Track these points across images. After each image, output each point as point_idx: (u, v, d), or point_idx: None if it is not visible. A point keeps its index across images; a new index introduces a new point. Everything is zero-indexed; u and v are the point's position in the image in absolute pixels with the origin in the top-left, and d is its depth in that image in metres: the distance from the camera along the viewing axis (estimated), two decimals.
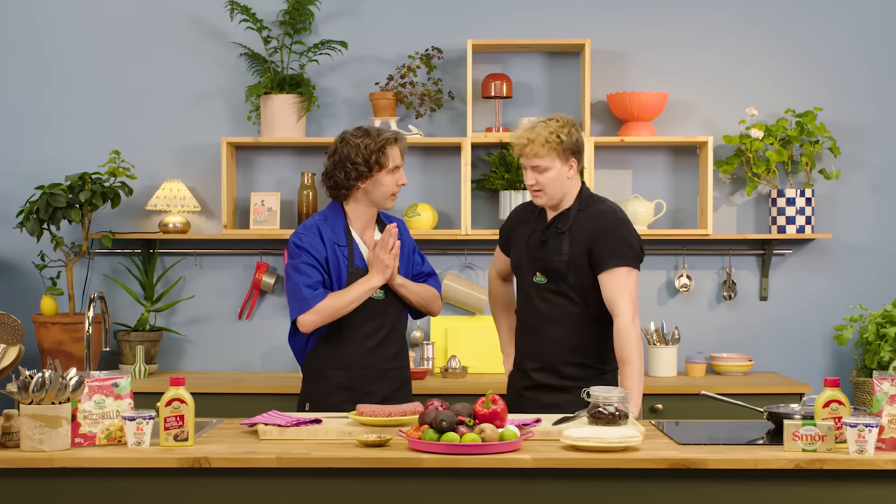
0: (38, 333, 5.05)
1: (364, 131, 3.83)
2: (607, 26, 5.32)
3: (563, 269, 3.73)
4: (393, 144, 3.81)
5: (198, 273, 5.37)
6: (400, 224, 3.98)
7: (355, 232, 3.88)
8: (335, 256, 3.83)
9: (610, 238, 3.70)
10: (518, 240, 3.88)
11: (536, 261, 3.78)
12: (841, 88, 5.32)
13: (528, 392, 3.81)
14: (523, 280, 3.84)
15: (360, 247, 3.86)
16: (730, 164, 5.19)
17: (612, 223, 3.73)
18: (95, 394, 3.23)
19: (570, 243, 3.72)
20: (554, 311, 3.76)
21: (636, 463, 3.06)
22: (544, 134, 3.69)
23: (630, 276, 3.69)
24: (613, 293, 3.66)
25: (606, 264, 3.68)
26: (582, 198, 3.78)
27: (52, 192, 4.98)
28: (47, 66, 5.35)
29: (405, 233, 3.99)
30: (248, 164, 5.35)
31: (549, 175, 3.70)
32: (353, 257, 3.84)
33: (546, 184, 3.72)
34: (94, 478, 3.09)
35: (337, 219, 3.87)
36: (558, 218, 3.78)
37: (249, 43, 5.30)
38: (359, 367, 3.85)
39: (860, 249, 5.33)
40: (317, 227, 3.85)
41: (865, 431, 3.05)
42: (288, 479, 3.09)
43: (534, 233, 3.82)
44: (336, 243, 3.83)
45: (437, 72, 5.30)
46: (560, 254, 3.73)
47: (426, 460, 3.06)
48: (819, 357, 5.35)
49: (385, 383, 3.87)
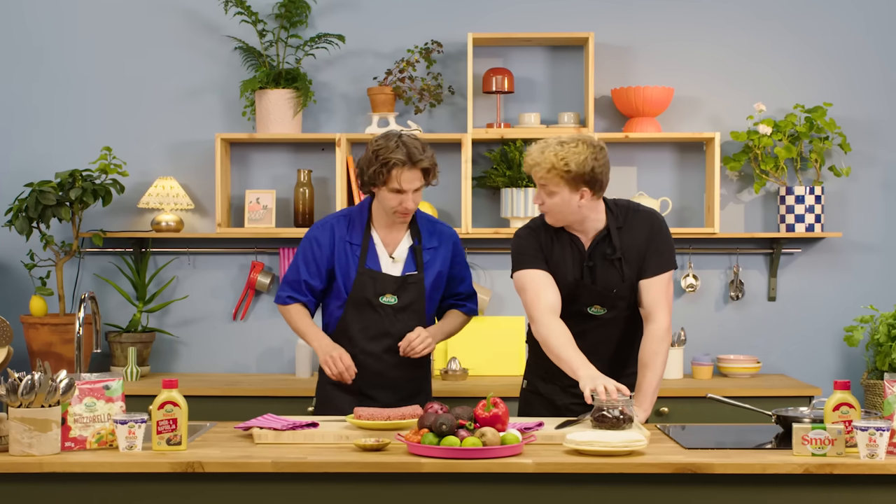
0: (28, 335, 5.05)
1: (385, 140, 3.76)
2: (611, 19, 5.31)
3: (628, 292, 3.69)
4: (401, 168, 3.72)
5: (191, 272, 5.37)
6: (441, 236, 3.94)
7: (377, 232, 3.88)
8: (344, 255, 3.85)
9: (658, 245, 3.69)
10: (559, 270, 3.68)
11: (593, 294, 3.69)
12: (851, 83, 5.32)
13: (576, 407, 3.73)
14: (571, 310, 3.70)
15: (377, 247, 3.86)
16: (737, 161, 5.19)
17: (659, 228, 3.71)
18: (86, 396, 3.23)
19: (628, 264, 3.68)
20: (608, 334, 3.74)
21: (641, 468, 3.06)
22: (552, 160, 3.55)
23: (670, 281, 3.72)
24: (654, 299, 3.66)
25: (652, 271, 3.68)
26: (614, 215, 3.70)
27: (41, 190, 4.98)
28: (37, 60, 5.34)
29: (440, 254, 3.91)
30: (243, 161, 5.35)
31: (555, 200, 3.60)
32: (366, 257, 3.85)
33: (552, 207, 3.62)
34: (84, 483, 3.09)
35: (361, 216, 3.89)
36: (599, 244, 3.68)
37: (244, 36, 5.30)
38: (362, 370, 3.86)
39: (871, 248, 5.33)
40: (331, 225, 3.89)
41: (877, 435, 3.05)
42: (284, 485, 3.08)
43: (577, 262, 3.68)
44: (349, 241, 3.85)
45: (437, 66, 5.30)
46: (623, 280, 3.67)
47: (425, 465, 3.06)
48: (829, 359, 5.35)
49: (392, 392, 3.87)
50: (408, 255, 3.89)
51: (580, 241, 3.70)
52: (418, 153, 3.74)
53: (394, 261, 3.88)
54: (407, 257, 3.89)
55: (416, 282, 3.87)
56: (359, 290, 3.85)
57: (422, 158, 3.74)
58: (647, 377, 3.62)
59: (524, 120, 5.19)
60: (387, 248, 3.88)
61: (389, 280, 3.85)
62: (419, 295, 3.87)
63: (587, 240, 3.70)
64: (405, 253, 3.89)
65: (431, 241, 3.92)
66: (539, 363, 3.78)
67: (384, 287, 3.85)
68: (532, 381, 3.89)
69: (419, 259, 3.88)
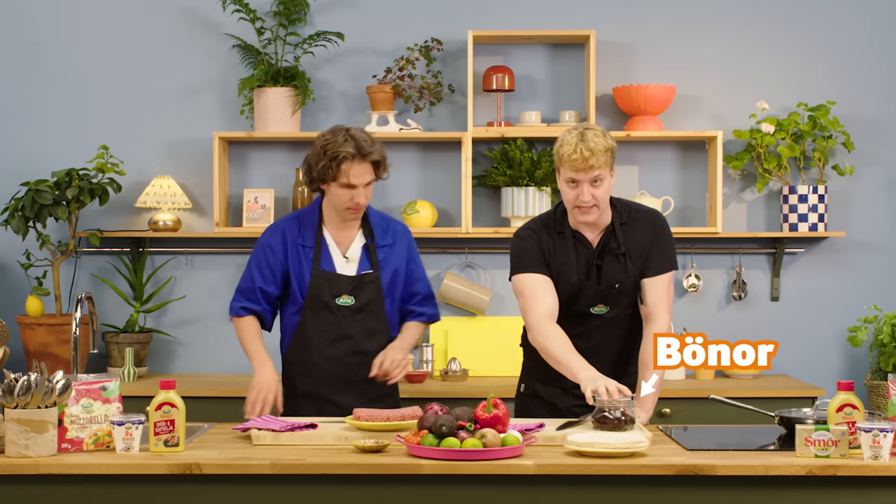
0: (24, 335, 5.05)
1: (332, 135, 3.72)
2: (613, 17, 5.31)
3: (631, 289, 3.70)
4: (350, 161, 3.67)
5: (189, 272, 5.37)
6: (395, 233, 3.90)
7: (329, 232, 3.84)
8: (297, 258, 3.81)
9: (661, 244, 3.71)
10: (562, 272, 3.69)
11: (597, 294, 3.69)
12: (855, 81, 5.32)
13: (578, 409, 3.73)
14: (573, 311, 3.71)
15: (330, 247, 3.83)
16: (740, 160, 5.19)
17: (662, 228, 3.74)
18: (83, 398, 3.23)
19: (632, 261, 3.69)
20: (612, 333, 3.75)
21: (643, 469, 3.06)
22: (604, 143, 3.56)
23: (671, 282, 3.74)
24: (655, 299, 3.68)
25: (654, 271, 3.70)
26: (619, 211, 3.72)
27: (37, 189, 4.98)
28: (33, 58, 5.34)
29: (395, 252, 3.88)
30: (241, 160, 5.35)
31: (605, 187, 3.60)
32: (320, 259, 3.81)
33: (601, 197, 3.60)
34: (81, 484, 3.09)
35: (311, 217, 3.85)
36: (608, 239, 3.69)
37: (242, 34, 5.30)
38: (324, 375, 3.83)
39: (875, 248, 5.33)
40: (282, 228, 3.85)
41: (880, 437, 3.05)
42: (282, 486, 3.08)
43: (584, 260, 3.69)
44: (301, 244, 3.82)
45: (437, 64, 5.30)
46: (627, 276, 3.68)
47: (425, 466, 3.06)
48: (832, 359, 5.35)
49: (356, 396, 3.80)
50: (362, 254, 3.84)
51: (586, 239, 3.71)
52: (367, 146, 3.69)
53: (347, 260, 3.83)
54: (361, 256, 3.84)
55: (372, 280, 3.82)
56: (314, 293, 3.79)
57: (371, 151, 3.69)
58: (650, 378, 3.63)
59: (525, 118, 5.19)
60: (340, 248, 3.83)
61: (344, 280, 3.80)
62: (376, 294, 3.83)
63: (595, 236, 3.71)
64: (359, 252, 3.84)
65: (385, 239, 3.87)
66: (537, 366, 3.77)
67: (339, 288, 3.80)
68: (530, 384, 3.89)
69: (373, 257, 3.83)
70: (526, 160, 5.09)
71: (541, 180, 5.09)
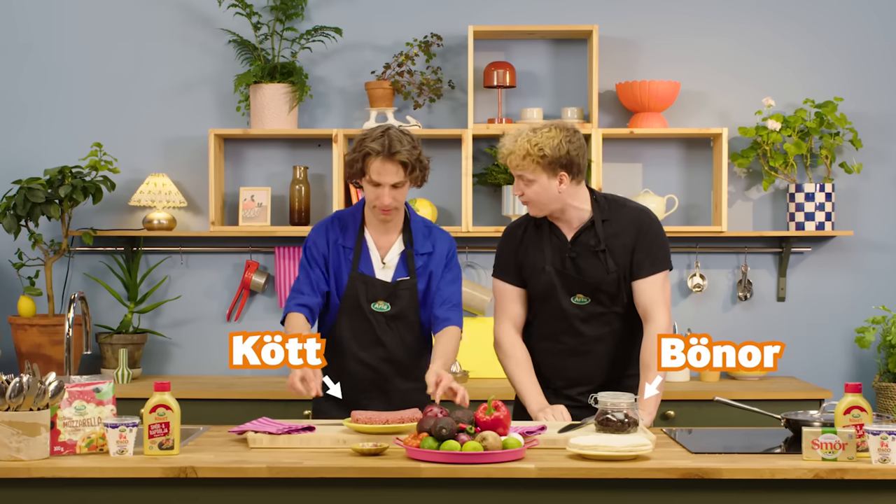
0: (16, 336, 5.05)
1: (371, 131, 3.70)
2: (616, 12, 5.31)
3: (613, 287, 3.71)
4: (374, 157, 3.64)
5: (184, 272, 5.37)
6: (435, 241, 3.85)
7: (370, 234, 3.83)
8: (337, 258, 3.80)
9: (649, 243, 3.71)
10: (536, 264, 3.75)
11: (575, 283, 3.71)
12: (863, 77, 5.32)
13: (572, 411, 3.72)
14: (554, 304, 3.74)
15: (370, 250, 3.81)
16: (745, 158, 5.20)
17: (649, 227, 3.73)
18: (76, 400, 3.23)
19: (614, 258, 3.70)
20: (600, 330, 3.75)
21: (647, 473, 3.06)
22: (526, 146, 3.61)
23: (666, 281, 3.73)
24: (650, 299, 3.68)
25: (645, 271, 3.70)
26: (600, 206, 3.73)
27: (29, 187, 4.98)
28: (24, 53, 5.34)
29: (434, 257, 3.83)
30: (237, 158, 5.35)
31: (535, 188, 3.64)
32: (359, 261, 3.79)
33: (532, 196, 3.66)
34: (74, 488, 3.09)
35: (354, 218, 3.84)
36: (583, 234, 3.72)
37: (238, 29, 5.30)
38: (356, 381, 3.80)
39: (883, 247, 5.33)
40: (325, 227, 3.84)
41: (889, 439, 3.05)
42: (279, 490, 3.08)
43: (558, 252, 3.73)
44: (342, 245, 3.81)
45: (437, 60, 5.30)
46: (608, 272, 3.69)
47: (425, 470, 3.06)
48: (839, 361, 5.35)
49: (387, 404, 3.77)
50: (399, 260, 3.81)
51: (561, 232, 3.74)
52: (398, 145, 3.64)
53: (384, 266, 3.81)
54: (398, 263, 3.81)
55: (408, 288, 3.79)
56: (351, 295, 3.78)
57: (399, 150, 3.63)
58: (651, 379, 3.63)
59: (526, 115, 5.19)
60: (379, 252, 3.82)
61: (381, 285, 3.78)
62: (412, 302, 3.80)
63: (570, 230, 3.74)
64: (396, 258, 3.81)
65: (425, 246, 3.82)
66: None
67: (376, 293, 3.77)
68: None
69: (411, 264, 3.80)
70: None
71: None
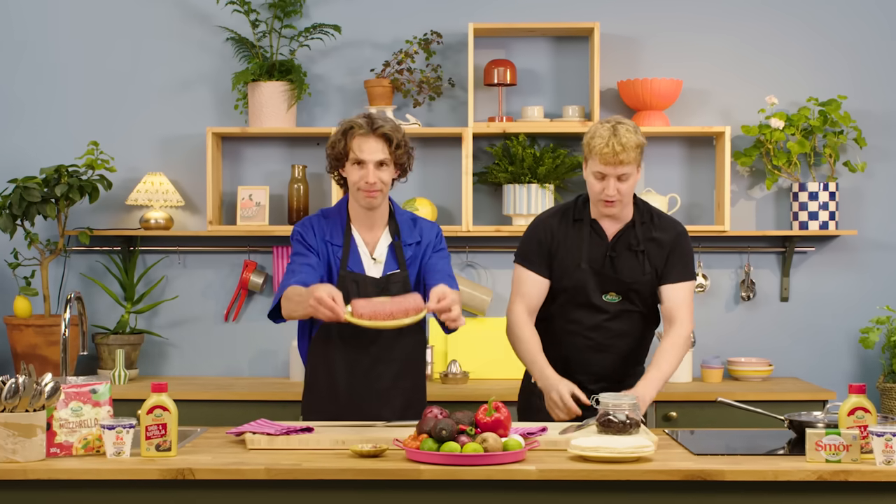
0: (11, 336, 5.05)
1: (353, 116, 3.79)
2: (618, 9, 5.31)
3: (646, 288, 3.80)
4: (357, 131, 3.69)
5: (181, 272, 5.37)
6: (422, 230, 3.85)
7: (357, 231, 3.81)
8: (326, 255, 3.79)
9: (682, 253, 3.82)
10: (571, 260, 3.80)
11: (610, 281, 3.79)
12: (867, 75, 5.32)
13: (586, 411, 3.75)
14: (583, 299, 3.80)
15: (359, 247, 3.80)
16: (748, 156, 5.19)
17: (685, 239, 3.85)
18: (72, 401, 3.23)
19: (650, 261, 3.79)
20: (624, 327, 3.83)
21: (648, 474, 3.06)
22: (634, 138, 3.68)
23: (692, 290, 3.84)
24: (677, 304, 3.78)
25: (675, 278, 3.80)
26: (640, 208, 3.83)
27: (25, 186, 4.98)
28: (20, 50, 5.34)
29: (422, 246, 3.83)
30: (235, 156, 5.35)
31: (631, 183, 3.72)
32: (348, 259, 3.78)
33: (626, 192, 3.72)
34: (70, 490, 3.09)
35: (339, 215, 3.83)
36: (626, 233, 3.79)
37: (236, 27, 5.30)
38: (354, 382, 3.77)
39: (887, 247, 5.33)
40: (311, 223, 3.82)
41: (893, 441, 3.05)
42: (277, 492, 3.08)
43: (597, 250, 3.79)
44: (330, 242, 3.79)
45: (437, 57, 5.30)
46: (643, 273, 3.78)
47: (424, 471, 3.06)
48: (843, 362, 5.35)
49: (384, 403, 3.75)
50: (388, 254, 3.80)
51: (603, 231, 3.81)
52: (381, 122, 3.71)
53: (375, 262, 3.80)
54: (387, 256, 3.80)
55: (399, 280, 3.78)
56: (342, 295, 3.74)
57: (382, 125, 3.70)
58: (655, 377, 3.68)
59: (527, 113, 5.19)
60: (367, 248, 3.80)
61: (371, 283, 3.76)
62: (405, 293, 3.78)
63: (613, 229, 3.81)
64: (385, 252, 3.80)
65: (413, 236, 3.83)
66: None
67: (367, 291, 3.74)
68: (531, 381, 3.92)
69: (400, 255, 3.79)
70: (528, 156, 5.09)
71: (543, 177, 5.09)
